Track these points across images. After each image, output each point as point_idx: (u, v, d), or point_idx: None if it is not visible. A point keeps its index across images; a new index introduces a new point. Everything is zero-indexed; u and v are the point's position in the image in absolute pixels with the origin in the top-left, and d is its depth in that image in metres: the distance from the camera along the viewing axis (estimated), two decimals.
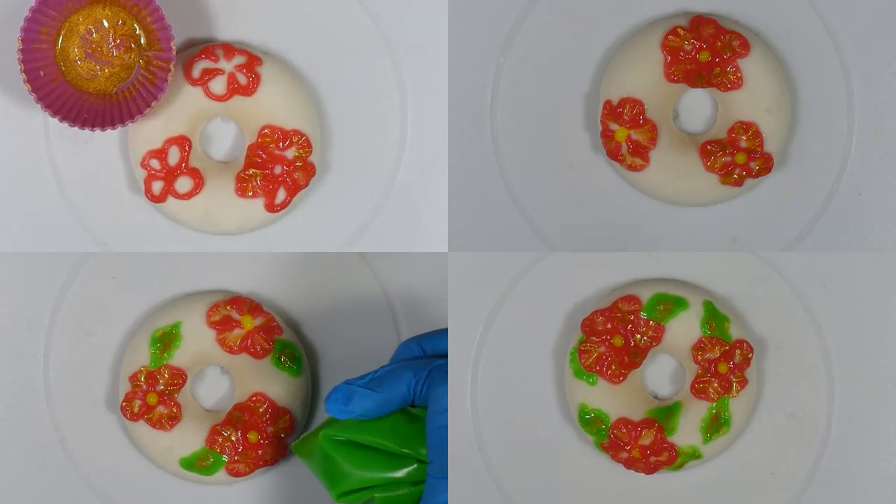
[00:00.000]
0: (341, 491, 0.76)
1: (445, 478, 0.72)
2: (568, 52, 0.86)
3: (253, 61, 0.83)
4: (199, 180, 0.83)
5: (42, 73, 0.81)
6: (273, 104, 0.83)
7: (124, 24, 0.82)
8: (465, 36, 0.85)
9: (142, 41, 0.82)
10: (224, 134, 0.85)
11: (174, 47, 0.80)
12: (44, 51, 0.81)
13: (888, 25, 0.85)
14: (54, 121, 0.83)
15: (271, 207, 0.84)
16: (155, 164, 0.83)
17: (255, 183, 0.83)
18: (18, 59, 0.79)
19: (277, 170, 0.83)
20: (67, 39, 0.82)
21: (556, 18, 0.85)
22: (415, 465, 0.75)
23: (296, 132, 0.83)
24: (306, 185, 0.83)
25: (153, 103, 0.80)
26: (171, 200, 0.83)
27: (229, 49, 0.83)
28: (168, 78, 0.80)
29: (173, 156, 0.83)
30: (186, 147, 0.83)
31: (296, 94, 0.84)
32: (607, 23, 0.85)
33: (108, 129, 0.81)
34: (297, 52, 0.85)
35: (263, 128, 0.83)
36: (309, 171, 0.83)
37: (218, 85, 0.83)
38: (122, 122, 0.80)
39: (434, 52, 0.85)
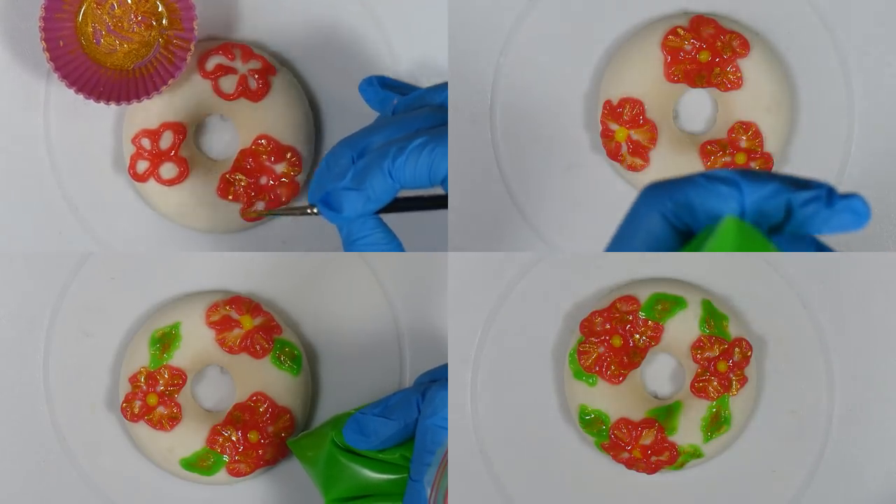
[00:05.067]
0: (334, 496, 0.77)
1: (420, 480, 0.73)
2: (568, 52, 0.86)
3: (267, 69, 0.83)
4: (184, 170, 0.83)
5: (61, 44, 0.80)
6: (275, 116, 0.83)
7: (147, 0, 0.82)
8: (465, 36, 0.85)
9: (164, 21, 0.82)
10: (220, 132, 0.85)
11: (196, 27, 0.80)
12: (65, 21, 0.81)
13: (888, 25, 0.85)
14: (53, 111, 0.83)
15: (247, 216, 0.83)
16: (146, 143, 0.83)
17: (237, 187, 0.83)
18: (40, 27, 0.79)
19: (263, 181, 0.83)
20: (89, 11, 0.81)
21: (556, 18, 0.85)
22: (405, 474, 0.76)
23: (290, 149, 0.83)
24: (287, 202, 0.84)
25: (170, 81, 0.80)
26: (151, 183, 0.83)
27: (247, 51, 0.83)
28: (187, 58, 0.80)
29: (166, 140, 0.83)
30: (181, 135, 0.83)
31: (300, 111, 0.84)
32: (607, 23, 0.86)
33: (123, 104, 0.80)
34: (298, 50, 0.85)
35: (260, 137, 0.83)
36: (293, 189, 0.83)
37: (228, 83, 0.83)
38: (138, 97, 0.80)
39: (434, 53, 0.85)
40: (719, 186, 0.58)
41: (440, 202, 0.73)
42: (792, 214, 0.59)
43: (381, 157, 0.69)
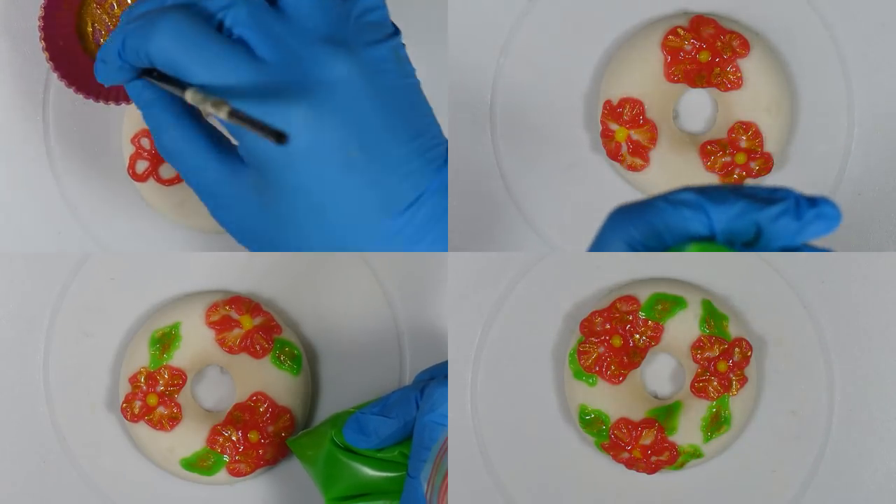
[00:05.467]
0: (334, 495, 0.77)
1: (417, 477, 0.73)
2: (568, 52, 0.86)
3: None
4: None
5: (61, 43, 0.80)
6: None
7: None
8: (465, 36, 0.85)
9: None
10: None
11: None
12: (64, 20, 0.81)
13: (888, 25, 0.85)
14: (52, 111, 0.83)
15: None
16: (145, 143, 0.83)
17: None
18: (39, 26, 0.79)
19: None
20: (89, 11, 0.81)
21: (557, 18, 0.85)
22: (405, 472, 0.76)
23: None
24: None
25: None
26: (150, 183, 0.83)
27: None
28: None
29: None
30: None
31: None
32: (607, 23, 0.86)
33: (123, 104, 0.80)
34: None
35: None
36: None
37: None
38: None
39: (434, 53, 0.85)
40: (683, 210, 0.58)
41: (166, 80, 0.66)
42: (762, 231, 0.58)
43: (117, 33, 0.65)
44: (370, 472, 0.77)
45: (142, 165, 0.83)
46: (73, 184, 0.84)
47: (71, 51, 0.81)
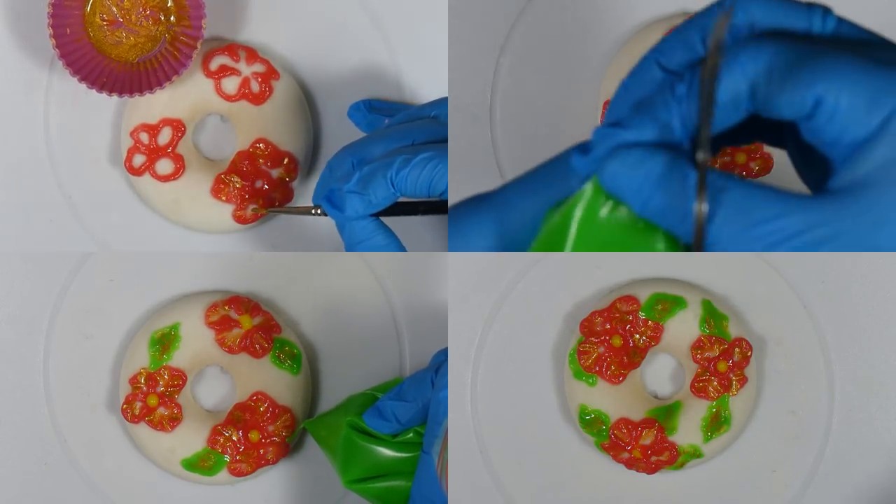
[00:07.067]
0: (351, 477, 0.77)
1: (430, 452, 0.74)
2: (568, 52, 0.86)
3: (271, 73, 0.83)
4: (180, 167, 0.83)
5: (68, 31, 0.80)
6: (275, 121, 0.83)
7: None
8: (465, 36, 0.85)
9: (171, 17, 0.82)
10: (219, 132, 0.85)
11: (204, 26, 0.80)
12: (73, 9, 0.81)
13: (888, 25, 0.85)
14: (54, 99, 0.83)
15: (239, 218, 0.83)
16: (144, 137, 0.83)
17: (232, 189, 0.83)
18: (48, 13, 0.79)
19: (258, 184, 0.83)
20: (98, 2, 0.81)
21: (556, 18, 0.85)
22: (418, 452, 0.76)
23: (287, 154, 0.83)
24: (280, 206, 0.84)
25: (174, 77, 0.80)
26: (146, 178, 0.83)
27: (252, 54, 0.83)
28: (193, 55, 0.80)
29: (164, 136, 0.83)
30: (179, 132, 0.83)
31: (300, 117, 0.84)
32: (607, 23, 0.85)
33: (125, 97, 0.80)
34: (302, 56, 0.85)
35: (258, 140, 0.83)
36: (287, 194, 0.83)
37: (230, 84, 0.83)
38: (140, 91, 0.80)
39: (434, 52, 0.85)
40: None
41: (436, 208, 0.76)
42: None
43: (386, 166, 0.72)
44: (387, 452, 0.77)
45: (139, 160, 0.83)
46: (69, 175, 0.84)
47: (77, 39, 0.81)
